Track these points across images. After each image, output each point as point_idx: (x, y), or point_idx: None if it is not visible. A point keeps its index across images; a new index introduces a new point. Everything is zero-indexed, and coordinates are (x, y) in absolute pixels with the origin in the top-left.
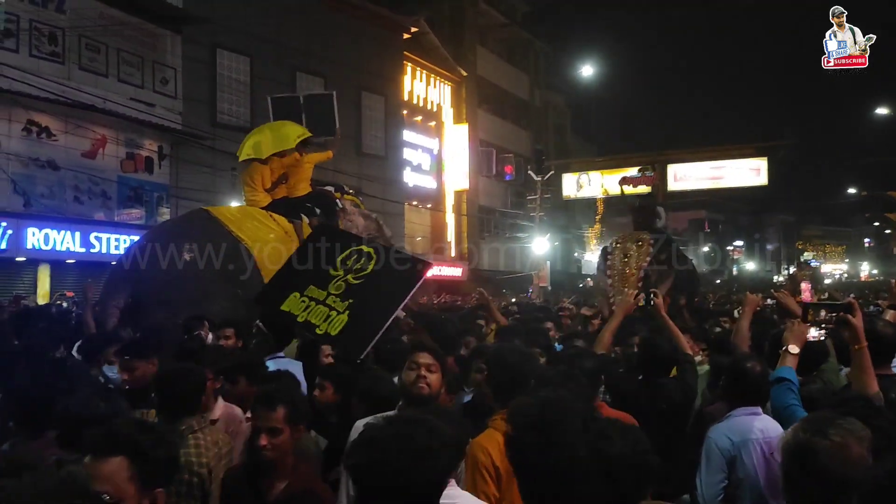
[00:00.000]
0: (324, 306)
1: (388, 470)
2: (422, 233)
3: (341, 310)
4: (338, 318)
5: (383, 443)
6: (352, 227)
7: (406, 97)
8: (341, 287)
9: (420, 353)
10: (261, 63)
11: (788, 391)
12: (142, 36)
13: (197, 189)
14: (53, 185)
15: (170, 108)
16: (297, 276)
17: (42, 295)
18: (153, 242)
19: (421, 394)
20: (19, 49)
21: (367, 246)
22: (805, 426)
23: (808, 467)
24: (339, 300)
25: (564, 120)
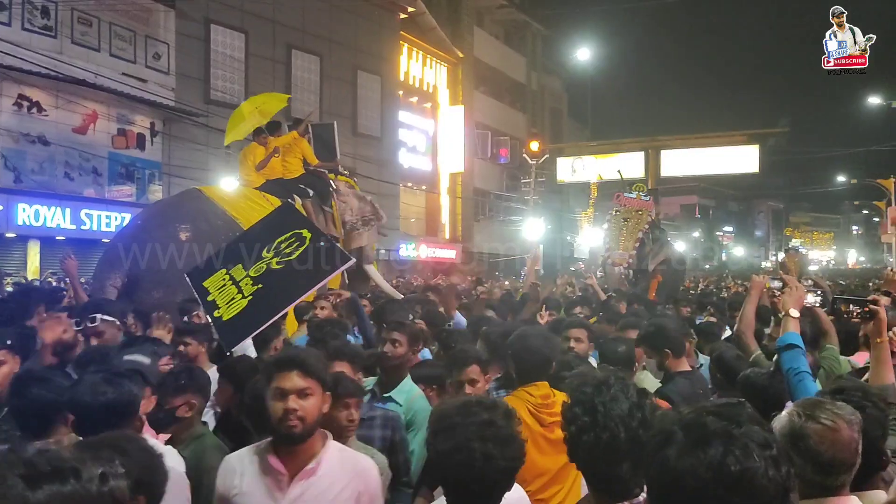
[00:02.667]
0: (234, 287)
1: (474, 456)
2: (416, 214)
3: (246, 294)
4: (238, 302)
5: (466, 429)
6: (346, 209)
7: (402, 78)
8: (261, 270)
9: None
10: (256, 40)
11: (800, 356)
12: (134, 10)
13: (190, 167)
14: (44, 160)
15: (162, 84)
16: (231, 252)
17: (32, 272)
18: (148, 222)
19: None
20: (11, 23)
21: (308, 231)
22: (798, 411)
23: (800, 450)
24: (250, 284)
25: (560, 104)
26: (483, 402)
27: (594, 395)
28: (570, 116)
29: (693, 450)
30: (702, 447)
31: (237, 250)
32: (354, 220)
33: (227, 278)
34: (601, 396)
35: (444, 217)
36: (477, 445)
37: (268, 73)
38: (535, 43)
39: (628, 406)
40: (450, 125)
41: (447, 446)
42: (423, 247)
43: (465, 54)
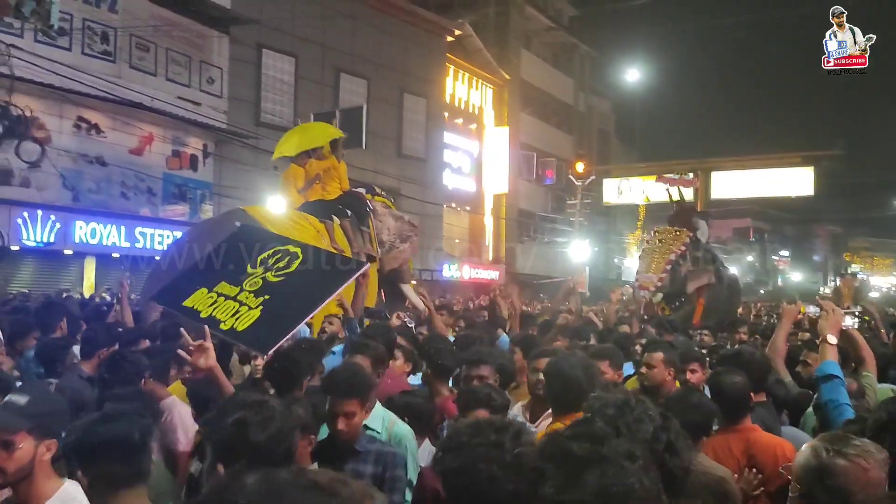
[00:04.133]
0: (234, 301)
1: (479, 477)
2: (459, 235)
3: (253, 305)
4: (248, 313)
5: (473, 449)
6: (382, 228)
7: (448, 99)
8: (257, 284)
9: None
10: (305, 64)
11: (840, 387)
12: (190, 36)
13: (239, 187)
14: (101, 180)
15: (215, 107)
16: (207, 274)
17: (88, 288)
18: (192, 241)
19: None
20: (72, 47)
21: (294, 246)
22: (825, 445)
23: (829, 487)
24: (252, 296)
25: (608, 125)
26: (495, 423)
27: (617, 416)
28: (618, 138)
29: (571, 481)
30: (578, 477)
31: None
32: (392, 240)
33: (214, 295)
34: (625, 417)
35: (488, 238)
36: (483, 467)
37: (316, 95)
38: (584, 64)
39: (653, 429)
40: (495, 146)
41: (454, 465)
42: (465, 267)
43: (511, 76)
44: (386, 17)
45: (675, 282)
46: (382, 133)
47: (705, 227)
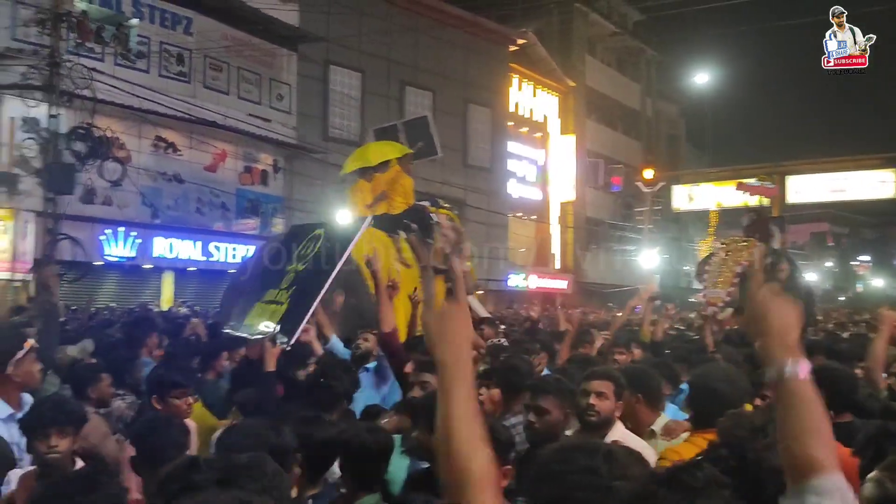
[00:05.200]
0: (275, 304)
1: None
2: (526, 244)
3: (283, 301)
4: (279, 309)
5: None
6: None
7: (512, 108)
8: (291, 279)
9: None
10: (371, 78)
11: None
12: (260, 55)
13: (309, 201)
14: (178, 197)
15: (284, 123)
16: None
17: (166, 301)
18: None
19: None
20: (150, 69)
21: (319, 229)
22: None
23: None
24: (285, 293)
25: (677, 130)
26: (583, 447)
27: (746, 440)
28: (688, 143)
29: None
30: None
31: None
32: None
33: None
34: (753, 443)
35: (555, 247)
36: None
37: (382, 109)
38: (650, 69)
39: None
40: (560, 154)
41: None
42: (532, 277)
43: (576, 83)
44: (449, 29)
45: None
46: (448, 144)
47: (779, 232)
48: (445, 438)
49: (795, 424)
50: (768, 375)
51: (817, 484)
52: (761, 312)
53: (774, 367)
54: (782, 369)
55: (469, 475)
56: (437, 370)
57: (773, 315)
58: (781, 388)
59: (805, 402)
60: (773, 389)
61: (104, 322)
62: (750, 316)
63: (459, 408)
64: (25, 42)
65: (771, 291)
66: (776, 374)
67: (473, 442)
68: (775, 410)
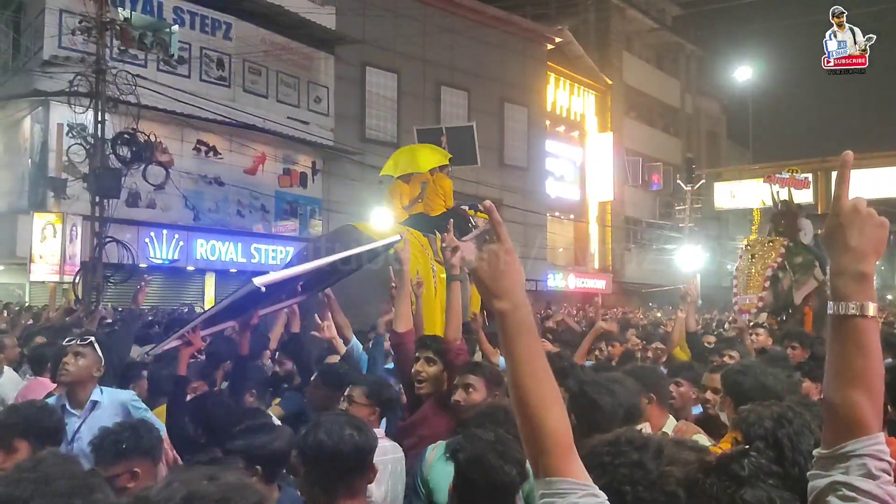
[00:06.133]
0: None
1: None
2: (564, 244)
3: None
4: None
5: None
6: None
7: (549, 107)
8: None
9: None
10: (407, 79)
11: None
12: (298, 58)
13: (347, 202)
14: (219, 199)
15: (322, 126)
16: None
17: (208, 301)
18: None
19: None
20: (191, 74)
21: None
22: None
23: None
24: None
25: (718, 126)
26: (633, 440)
27: (776, 427)
28: (730, 139)
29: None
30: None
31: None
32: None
33: None
34: (785, 429)
35: (593, 246)
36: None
37: (418, 110)
38: (689, 65)
39: (814, 441)
40: (598, 153)
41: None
42: (571, 277)
43: (613, 81)
44: (484, 29)
45: (780, 296)
46: (484, 143)
47: (810, 227)
48: (518, 398)
49: (851, 370)
50: (832, 308)
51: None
52: (842, 225)
53: (840, 298)
54: (848, 301)
55: (545, 437)
56: (498, 323)
57: (855, 230)
58: (843, 324)
59: (866, 346)
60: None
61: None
62: (828, 229)
63: (527, 361)
64: (72, 50)
65: (857, 205)
66: (841, 308)
67: (547, 399)
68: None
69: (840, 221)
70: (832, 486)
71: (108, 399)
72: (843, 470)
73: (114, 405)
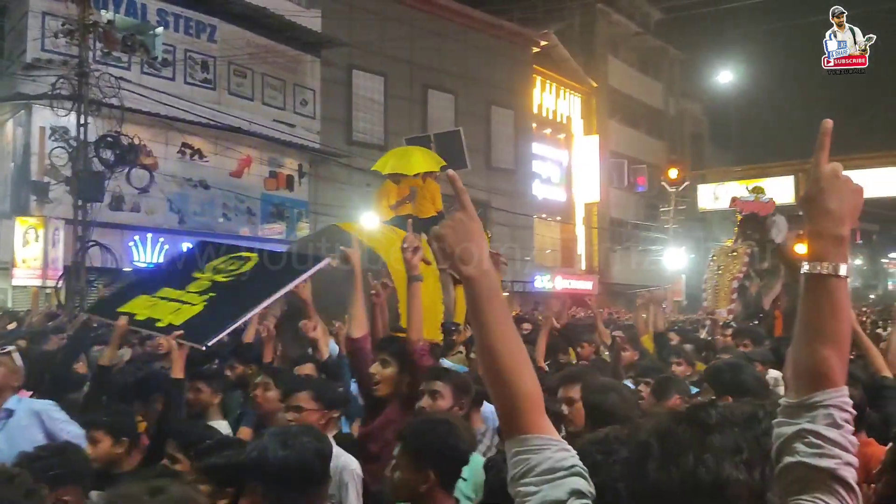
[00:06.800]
0: (175, 302)
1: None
2: (551, 246)
3: (196, 302)
4: (189, 309)
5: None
6: None
7: (535, 110)
8: (203, 285)
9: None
10: (394, 82)
11: None
12: (284, 61)
13: (334, 205)
14: (204, 203)
15: (309, 128)
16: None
17: None
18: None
19: None
20: (175, 77)
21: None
22: None
23: None
24: (195, 296)
25: (701, 129)
26: (622, 438)
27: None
28: (713, 141)
29: (667, 462)
30: (674, 459)
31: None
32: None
33: (156, 299)
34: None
35: (580, 248)
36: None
37: (405, 113)
38: (673, 68)
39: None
40: (584, 155)
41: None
42: (558, 278)
43: (599, 84)
44: (471, 32)
45: (749, 304)
46: (471, 146)
47: (784, 223)
48: (489, 362)
49: (821, 327)
50: (806, 267)
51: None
52: (822, 189)
53: (815, 258)
54: (823, 262)
55: (518, 396)
56: (465, 289)
57: (834, 195)
58: (817, 283)
59: (837, 305)
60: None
61: None
62: (808, 193)
63: (497, 325)
64: (54, 52)
65: (836, 170)
66: (815, 268)
67: (517, 361)
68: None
69: (821, 185)
70: (799, 433)
71: (24, 408)
72: (809, 419)
73: (29, 415)
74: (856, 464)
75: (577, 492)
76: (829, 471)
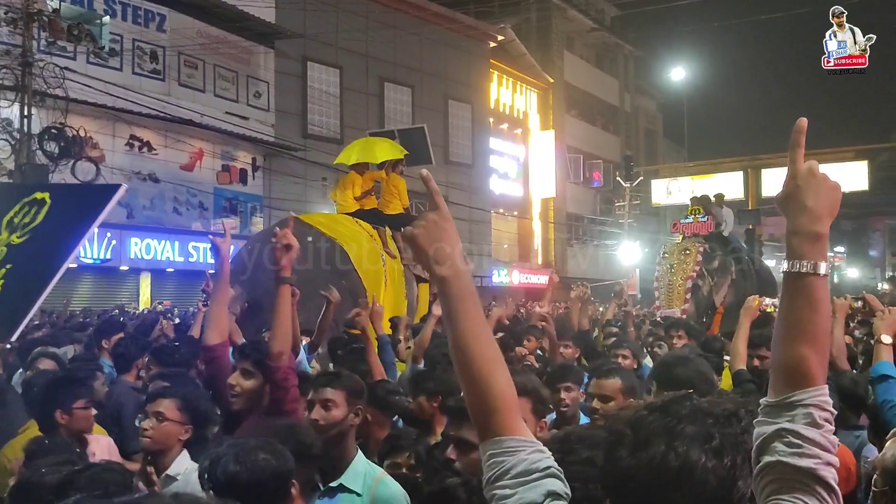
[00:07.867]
0: None
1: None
2: (508, 240)
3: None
4: None
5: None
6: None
7: (492, 105)
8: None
9: None
10: (350, 75)
11: (894, 386)
12: (237, 52)
13: (289, 199)
14: (154, 197)
15: (263, 121)
16: None
17: (144, 302)
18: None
19: None
20: (123, 67)
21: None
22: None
23: None
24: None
25: (655, 125)
26: (584, 437)
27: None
28: (666, 137)
29: (638, 449)
30: (645, 446)
31: None
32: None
33: None
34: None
35: (537, 242)
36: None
37: (361, 106)
38: (628, 65)
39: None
40: (541, 150)
41: None
42: (515, 273)
43: (555, 79)
44: (428, 26)
45: (701, 303)
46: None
47: (731, 215)
48: (462, 362)
49: (800, 325)
50: (786, 266)
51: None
52: (798, 187)
53: (794, 256)
54: (802, 260)
55: (492, 398)
56: (439, 289)
57: (811, 192)
58: (796, 281)
59: (816, 303)
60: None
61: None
62: (786, 191)
63: (471, 325)
64: None
65: (812, 168)
66: (795, 266)
67: (491, 362)
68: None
69: (798, 184)
70: (779, 432)
71: None
72: (789, 418)
73: None
74: (836, 464)
75: (553, 493)
76: (808, 471)
